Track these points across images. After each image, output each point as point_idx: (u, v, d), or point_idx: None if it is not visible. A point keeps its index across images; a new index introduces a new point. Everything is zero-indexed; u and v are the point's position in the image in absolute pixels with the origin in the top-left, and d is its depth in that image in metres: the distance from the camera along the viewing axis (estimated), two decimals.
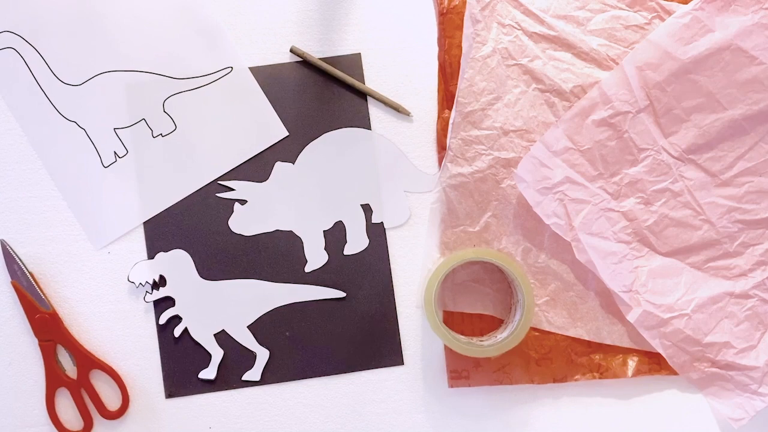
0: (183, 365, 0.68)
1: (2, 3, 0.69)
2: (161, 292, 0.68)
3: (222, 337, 0.68)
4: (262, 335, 0.68)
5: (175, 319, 0.68)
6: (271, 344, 0.68)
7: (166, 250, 0.68)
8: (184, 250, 0.68)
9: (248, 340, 0.68)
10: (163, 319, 0.68)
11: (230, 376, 0.68)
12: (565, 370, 0.68)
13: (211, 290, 0.68)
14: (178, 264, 0.68)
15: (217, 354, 0.68)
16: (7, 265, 0.67)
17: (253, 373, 0.68)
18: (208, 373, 0.68)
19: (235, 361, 0.68)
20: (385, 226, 0.70)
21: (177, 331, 0.68)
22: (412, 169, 0.70)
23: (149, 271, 0.67)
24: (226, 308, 0.68)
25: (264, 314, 0.68)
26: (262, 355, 0.68)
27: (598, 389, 0.69)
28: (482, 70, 0.68)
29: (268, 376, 0.68)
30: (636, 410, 0.69)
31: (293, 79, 0.70)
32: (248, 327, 0.68)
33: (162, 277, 0.68)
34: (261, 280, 0.69)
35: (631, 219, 0.68)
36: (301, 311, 0.69)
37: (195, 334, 0.68)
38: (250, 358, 0.68)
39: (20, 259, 0.68)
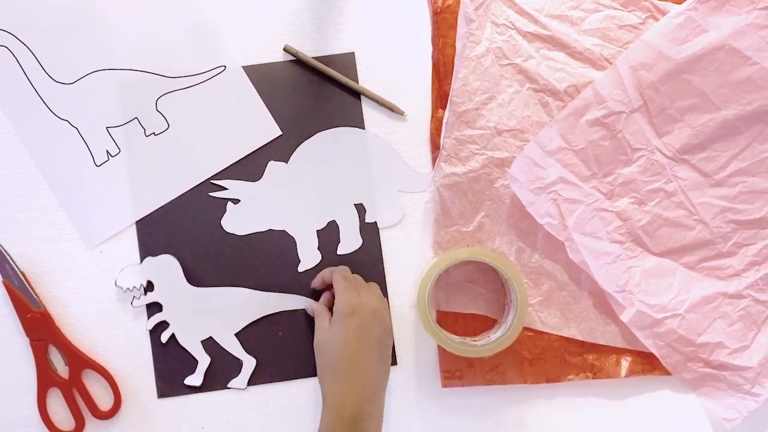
0: (175, 365, 0.68)
1: None
2: (149, 298, 0.67)
3: (209, 343, 0.68)
4: (255, 335, 0.68)
5: (163, 324, 0.68)
6: (264, 344, 0.68)
7: (156, 253, 0.68)
8: (177, 249, 0.68)
9: (235, 348, 0.68)
10: (150, 325, 0.67)
11: (216, 384, 0.68)
12: (559, 370, 0.68)
13: (199, 297, 0.67)
14: (166, 270, 0.67)
15: (203, 361, 0.67)
16: None
17: (239, 381, 0.67)
18: (194, 379, 0.67)
19: (222, 367, 0.68)
20: (379, 226, 0.70)
21: (164, 337, 0.67)
22: (406, 168, 0.70)
23: (137, 276, 0.67)
24: (213, 316, 0.67)
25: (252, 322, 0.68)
26: (249, 363, 0.67)
27: (591, 389, 0.69)
28: (476, 69, 0.68)
29: (262, 376, 0.68)
30: (629, 410, 0.69)
31: (286, 78, 0.70)
32: (238, 332, 0.68)
33: (150, 282, 0.68)
34: (251, 285, 0.68)
35: (624, 219, 0.68)
36: (294, 311, 0.68)
37: (182, 340, 0.67)
38: (237, 365, 0.68)
39: (12, 259, 0.67)
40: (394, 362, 0.69)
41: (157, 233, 0.68)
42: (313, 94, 0.70)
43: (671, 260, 0.68)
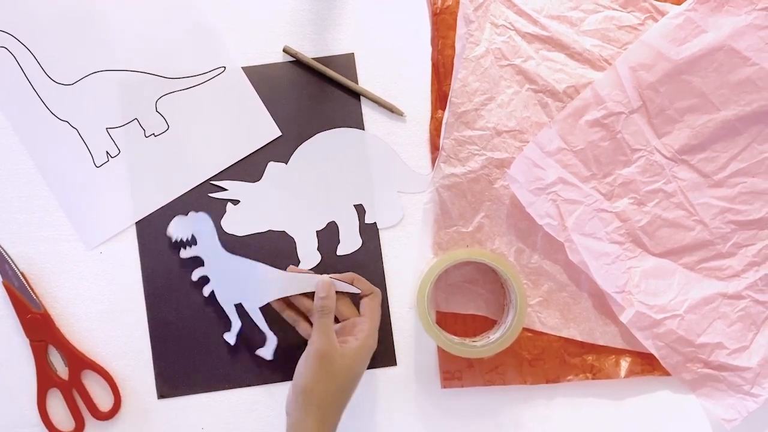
0: (175, 366, 0.68)
1: None
2: (193, 251, 0.68)
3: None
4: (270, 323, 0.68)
5: (204, 280, 0.68)
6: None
7: (157, 254, 0.68)
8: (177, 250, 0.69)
9: (260, 322, 0.67)
10: (195, 277, 0.68)
11: (218, 384, 0.68)
12: (558, 371, 0.68)
13: (231, 262, 0.67)
14: (205, 226, 0.68)
15: (236, 323, 0.67)
16: None
17: (266, 351, 0.67)
18: (230, 337, 0.68)
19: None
20: (378, 227, 0.70)
21: (206, 291, 0.68)
22: (405, 169, 0.70)
23: (187, 227, 0.68)
24: (242, 284, 0.67)
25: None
26: (272, 339, 0.67)
27: (590, 390, 0.69)
28: (475, 70, 0.68)
29: (263, 377, 0.68)
30: (629, 411, 0.69)
31: (286, 79, 0.70)
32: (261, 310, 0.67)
33: (193, 237, 0.68)
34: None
35: (624, 219, 0.68)
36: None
37: (220, 298, 0.67)
38: (259, 343, 0.68)
39: (11, 259, 0.67)
40: (393, 363, 0.69)
41: (157, 234, 0.68)
42: (313, 94, 0.70)
43: (671, 261, 0.68)
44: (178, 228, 0.68)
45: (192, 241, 0.68)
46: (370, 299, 0.64)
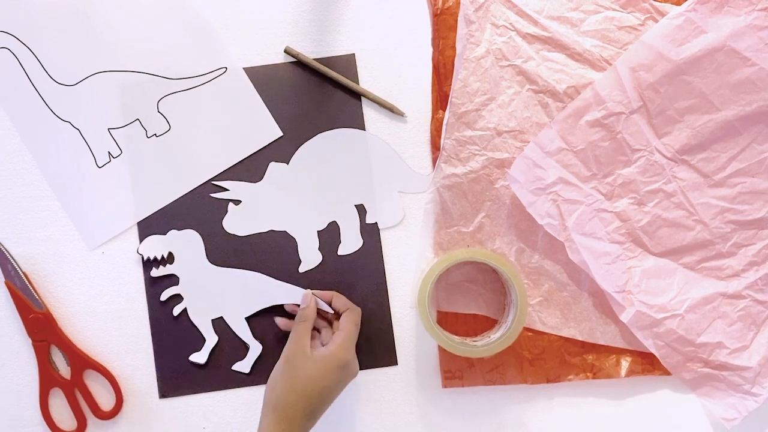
0: (177, 365, 0.68)
1: None
2: (168, 269, 0.68)
3: (219, 326, 0.68)
4: (258, 334, 0.68)
5: (177, 298, 0.68)
6: (265, 344, 0.68)
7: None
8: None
9: (244, 332, 0.68)
10: (164, 296, 0.68)
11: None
12: (559, 371, 0.68)
13: (217, 275, 0.68)
14: (188, 244, 0.68)
15: (211, 339, 0.68)
16: (0, 265, 0.67)
17: (243, 365, 0.68)
18: (200, 357, 0.68)
19: (228, 352, 0.68)
20: (379, 227, 0.70)
21: (176, 311, 0.68)
22: (406, 169, 0.70)
23: (160, 246, 0.68)
24: (227, 295, 0.68)
25: (262, 309, 0.68)
26: (255, 348, 0.68)
27: (591, 389, 0.69)
28: (476, 70, 0.68)
29: (262, 376, 0.68)
30: (629, 410, 0.69)
31: (287, 79, 0.70)
32: (245, 319, 0.68)
33: (170, 254, 0.68)
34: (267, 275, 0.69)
35: (624, 219, 0.68)
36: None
37: (193, 316, 0.68)
38: (243, 351, 0.68)
39: (14, 259, 0.67)
40: (394, 362, 0.69)
41: (158, 234, 0.69)
42: (314, 95, 0.70)
43: (671, 260, 0.69)
44: (151, 247, 0.68)
45: (167, 260, 0.68)
46: (347, 314, 0.64)
